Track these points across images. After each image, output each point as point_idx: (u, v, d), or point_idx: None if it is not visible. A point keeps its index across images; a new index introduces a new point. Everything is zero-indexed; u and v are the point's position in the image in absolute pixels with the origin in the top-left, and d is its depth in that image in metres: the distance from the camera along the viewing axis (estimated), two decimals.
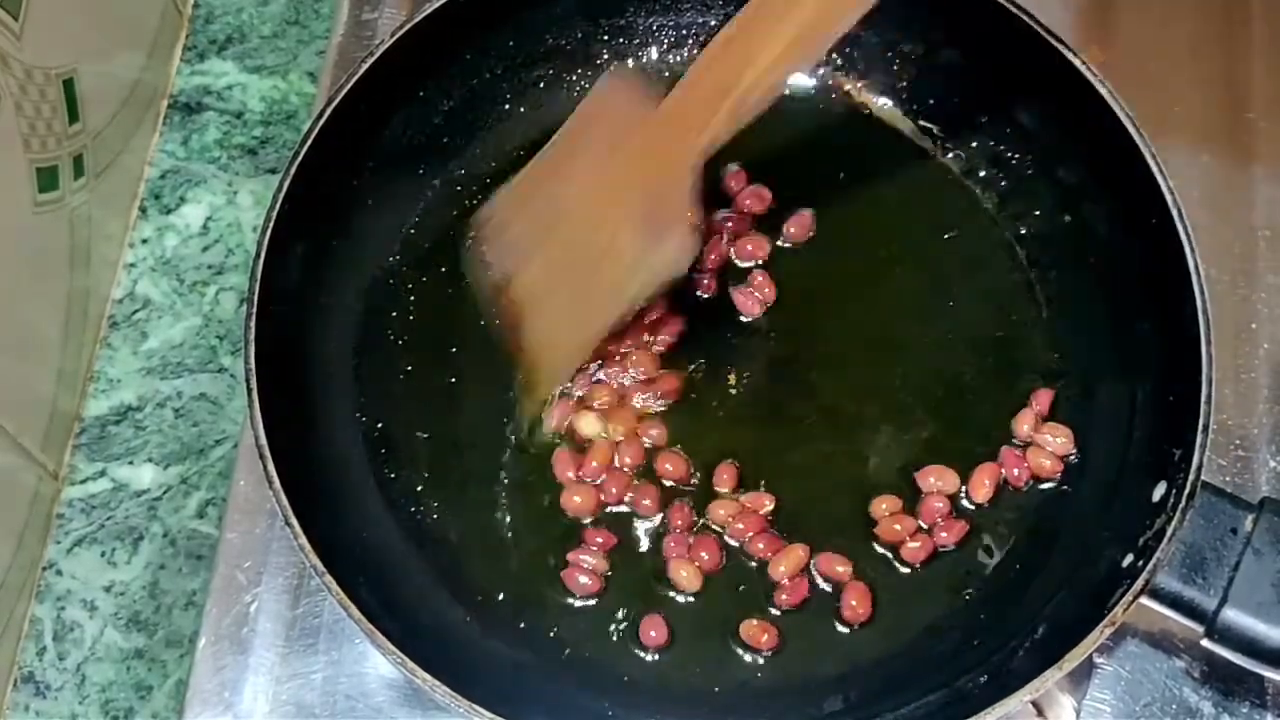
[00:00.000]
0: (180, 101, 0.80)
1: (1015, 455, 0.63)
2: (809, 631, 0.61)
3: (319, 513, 0.57)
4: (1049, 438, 0.63)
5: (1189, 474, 0.56)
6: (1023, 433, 0.64)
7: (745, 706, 0.60)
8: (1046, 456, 0.63)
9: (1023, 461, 0.63)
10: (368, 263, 0.68)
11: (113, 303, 0.75)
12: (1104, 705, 0.63)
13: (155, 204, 0.77)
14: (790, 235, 0.69)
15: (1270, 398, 0.68)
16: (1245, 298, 0.70)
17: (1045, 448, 0.63)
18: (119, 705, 0.67)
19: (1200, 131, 0.74)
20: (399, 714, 0.63)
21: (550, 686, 0.60)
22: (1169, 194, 0.60)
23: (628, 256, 0.61)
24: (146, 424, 0.72)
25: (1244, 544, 0.55)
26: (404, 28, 0.65)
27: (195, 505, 0.71)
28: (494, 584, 0.62)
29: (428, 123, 0.70)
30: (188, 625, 0.68)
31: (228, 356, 0.74)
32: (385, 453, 0.65)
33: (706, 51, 0.60)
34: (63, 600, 0.69)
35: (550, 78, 0.72)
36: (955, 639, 0.61)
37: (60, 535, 0.70)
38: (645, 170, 0.61)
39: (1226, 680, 0.63)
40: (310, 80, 0.80)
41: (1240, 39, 0.77)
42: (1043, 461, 0.63)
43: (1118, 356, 0.64)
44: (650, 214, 0.60)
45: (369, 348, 0.67)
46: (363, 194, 0.68)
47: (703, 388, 0.66)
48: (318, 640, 0.64)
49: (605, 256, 0.61)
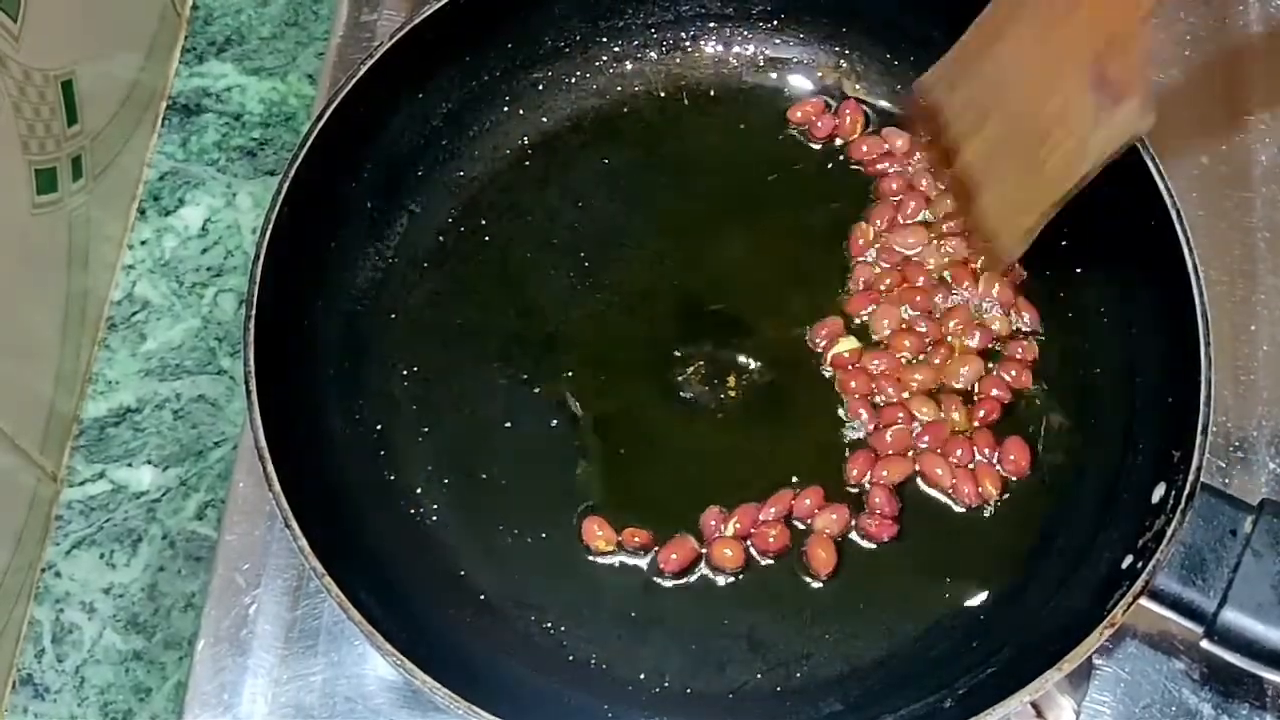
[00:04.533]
0: (179, 103, 0.80)
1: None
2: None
3: (318, 514, 0.57)
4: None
5: (1188, 475, 0.56)
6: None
7: (745, 707, 0.60)
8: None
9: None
10: (367, 264, 0.68)
11: (111, 304, 0.75)
12: (1103, 706, 0.63)
13: (154, 206, 0.77)
14: None
15: (1269, 399, 0.68)
16: (1244, 299, 0.71)
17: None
18: (118, 707, 0.67)
19: (1199, 132, 0.74)
20: (398, 716, 0.63)
21: (550, 688, 0.60)
22: (1168, 195, 0.60)
23: (1083, 124, 0.59)
24: (145, 426, 0.72)
25: (1243, 545, 0.55)
26: (403, 29, 0.65)
27: (194, 507, 0.71)
28: (494, 584, 0.62)
29: (427, 124, 0.70)
30: (187, 627, 0.68)
31: (227, 358, 0.74)
32: (385, 454, 0.65)
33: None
34: (61, 602, 0.69)
35: (549, 79, 0.72)
36: (955, 639, 0.61)
37: (59, 537, 0.70)
38: (1093, 32, 0.58)
39: (1226, 682, 0.63)
40: (309, 82, 0.80)
41: (1239, 39, 0.77)
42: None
43: (1117, 358, 0.64)
44: (1103, 78, 0.58)
45: (368, 348, 0.67)
46: (362, 196, 0.68)
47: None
48: (317, 642, 0.64)
49: (1058, 125, 0.60)
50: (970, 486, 0.63)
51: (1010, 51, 0.62)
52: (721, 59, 0.73)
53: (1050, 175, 0.61)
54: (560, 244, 0.70)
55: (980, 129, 0.63)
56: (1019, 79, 0.62)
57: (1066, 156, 0.60)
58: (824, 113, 0.72)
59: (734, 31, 0.73)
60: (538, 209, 0.70)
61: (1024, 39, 0.61)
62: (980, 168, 0.64)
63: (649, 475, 0.65)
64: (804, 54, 0.73)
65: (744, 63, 0.73)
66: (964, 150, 0.64)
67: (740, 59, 0.73)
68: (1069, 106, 0.60)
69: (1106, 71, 0.58)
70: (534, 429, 0.65)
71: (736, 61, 0.73)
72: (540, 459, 0.65)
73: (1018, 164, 0.62)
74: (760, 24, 0.73)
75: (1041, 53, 0.61)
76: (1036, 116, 0.61)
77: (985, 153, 0.64)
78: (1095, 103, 0.58)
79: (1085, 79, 0.58)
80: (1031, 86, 0.61)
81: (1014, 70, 0.62)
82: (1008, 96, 0.62)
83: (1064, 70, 0.60)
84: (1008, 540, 0.63)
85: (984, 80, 0.63)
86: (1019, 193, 0.63)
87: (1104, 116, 0.58)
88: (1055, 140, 0.60)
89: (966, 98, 0.64)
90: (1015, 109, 0.62)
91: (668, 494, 0.64)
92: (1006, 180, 0.63)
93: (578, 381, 0.66)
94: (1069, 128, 0.60)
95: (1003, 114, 0.63)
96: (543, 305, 0.68)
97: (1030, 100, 0.61)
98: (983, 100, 0.63)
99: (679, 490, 0.64)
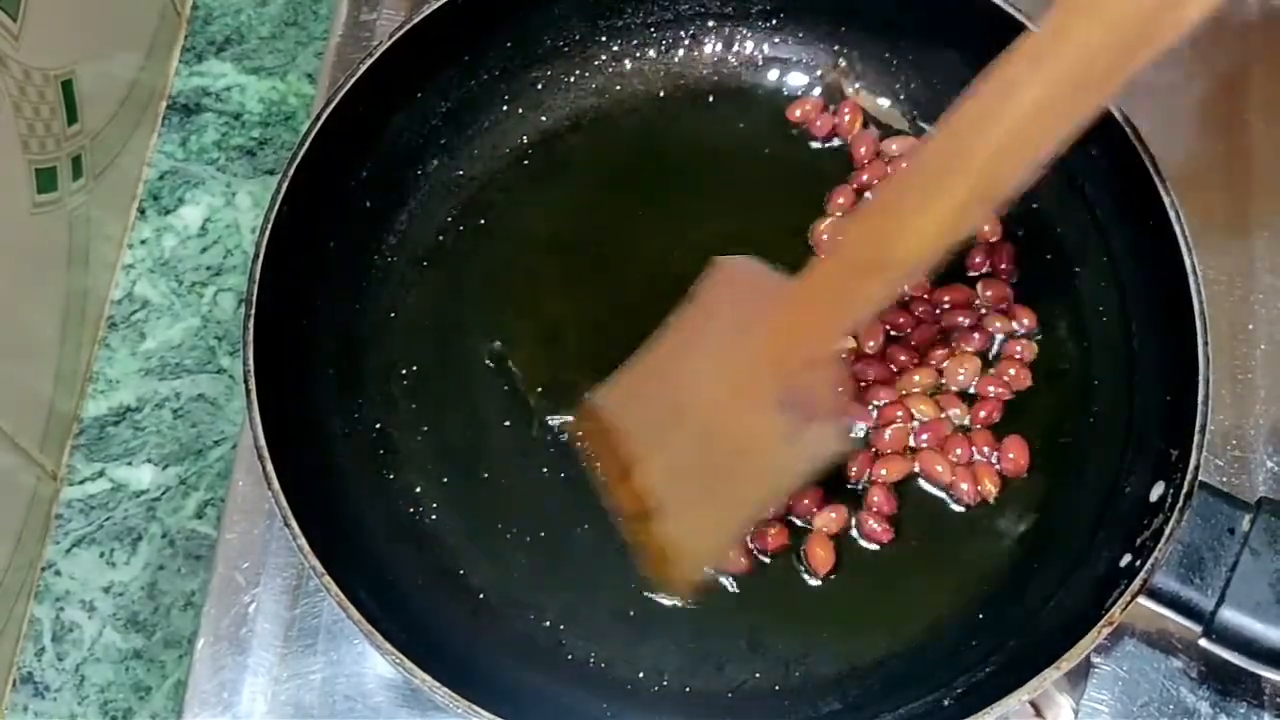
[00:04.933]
0: (179, 103, 0.80)
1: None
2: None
3: (318, 513, 0.57)
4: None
5: (1186, 474, 0.56)
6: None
7: (744, 706, 0.60)
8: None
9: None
10: (366, 264, 0.68)
11: (111, 303, 0.75)
12: (1102, 705, 0.63)
13: (154, 205, 0.77)
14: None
15: (1267, 398, 0.68)
16: (1242, 298, 0.70)
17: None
18: (118, 706, 0.67)
19: (1198, 132, 0.74)
20: (398, 714, 0.63)
21: (549, 687, 0.60)
22: (1166, 195, 0.60)
23: (773, 443, 0.57)
24: (145, 425, 0.72)
25: (1241, 544, 0.55)
26: (402, 29, 0.65)
27: (194, 506, 0.71)
28: (493, 583, 0.62)
29: (426, 124, 0.70)
30: (186, 626, 0.68)
31: (226, 357, 0.74)
32: (384, 453, 0.65)
33: (856, 216, 0.56)
34: (61, 601, 0.69)
35: (548, 78, 0.72)
36: (954, 639, 0.61)
37: (59, 536, 0.70)
38: (782, 356, 0.56)
39: (1224, 680, 0.63)
40: (309, 81, 0.80)
41: (1238, 39, 0.77)
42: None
43: (1115, 357, 0.64)
44: (794, 402, 0.56)
45: (368, 348, 0.67)
46: (361, 195, 0.68)
47: None
48: (316, 641, 0.64)
49: (748, 448, 0.58)
50: (970, 485, 0.63)
51: (691, 375, 0.59)
52: (721, 58, 0.73)
53: (740, 496, 0.59)
54: (559, 243, 0.70)
55: (656, 449, 0.60)
56: (701, 401, 0.59)
57: (759, 477, 0.58)
58: (823, 111, 0.72)
59: (733, 30, 0.73)
60: (537, 208, 0.70)
61: (705, 363, 0.59)
62: (658, 489, 0.60)
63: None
64: (803, 53, 0.73)
65: (743, 62, 0.73)
66: (643, 468, 0.61)
67: (739, 58, 0.73)
68: (758, 427, 0.57)
69: (794, 395, 0.56)
70: (533, 428, 0.65)
71: (736, 60, 0.73)
72: (539, 458, 0.65)
73: (701, 485, 0.60)
74: (759, 23, 0.73)
75: (723, 376, 0.58)
76: (721, 437, 0.59)
77: (663, 473, 0.60)
78: (786, 424, 0.56)
79: (774, 400, 0.56)
80: (714, 409, 0.59)
81: (695, 392, 0.59)
82: (689, 417, 0.59)
83: (750, 392, 0.57)
84: (1006, 539, 0.63)
85: (664, 400, 0.61)
86: (703, 516, 0.60)
87: (794, 437, 0.56)
88: (746, 460, 0.58)
89: (645, 416, 0.61)
90: (697, 429, 0.59)
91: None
92: (688, 503, 0.60)
93: (577, 381, 0.66)
94: (760, 449, 0.58)
95: (683, 434, 0.60)
96: (542, 305, 0.68)
97: (714, 421, 0.59)
98: (662, 419, 0.60)
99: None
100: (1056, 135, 0.47)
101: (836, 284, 0.55)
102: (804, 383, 0.56)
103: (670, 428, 0.60)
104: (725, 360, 0.58)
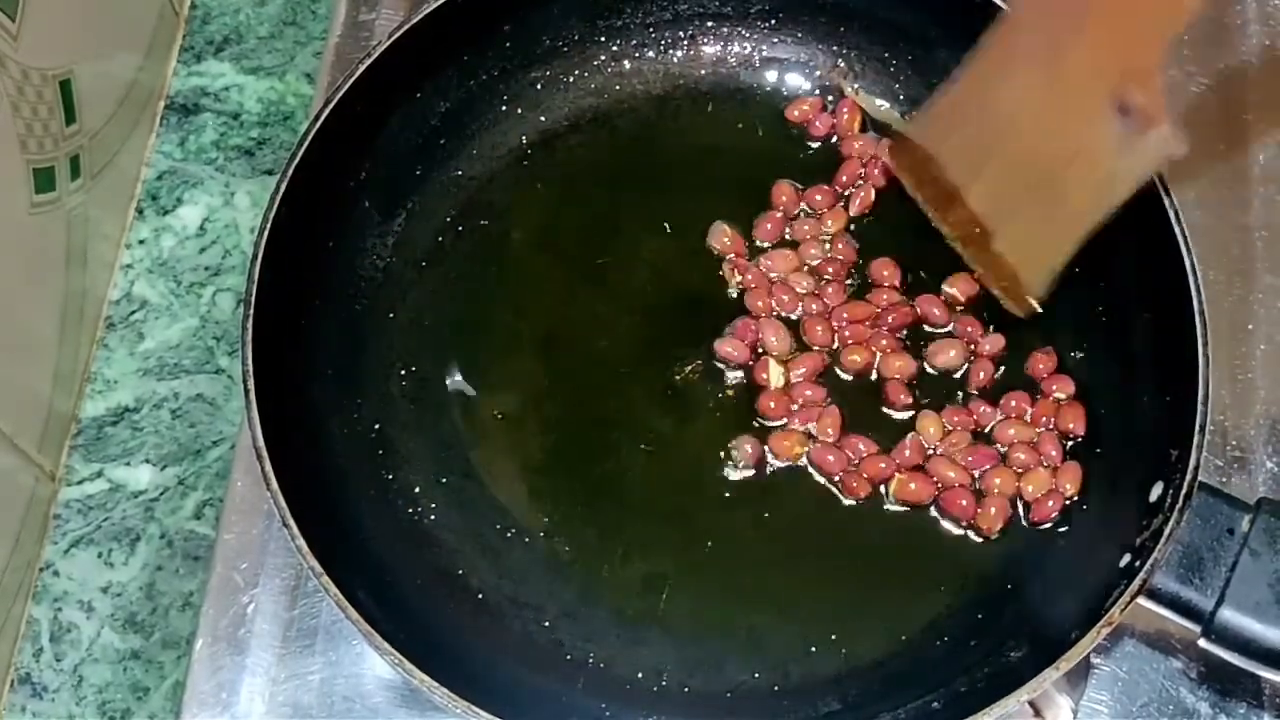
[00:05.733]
0: (177, 102, 0.80)
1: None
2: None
3: (317, 513, 0.57)
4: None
5: (1186, 474, 0.56)
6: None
7: (743, 706, 0.60)
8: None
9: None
10: (364, 263, 0.68)
11: (109, 304, 0.75)
12: (1101, 706, 0.63)
13: (152, 205, 0.77)
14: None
15: (1267, 398, 0.68)
16: (1242, 298, 0.71)
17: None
18: (116, 706, 0.67)
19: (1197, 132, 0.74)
20: (396, 715, 0.63)
21: (548, 687, 0.60)
22: (1165, 195, 0.60)
23: (1109, 155, 0.58)
24: (143, 425, 0.72)
25: (1241, 544, 0.55)
26: (401, 29, 0.65)
27: (192, 506, 0.71)
28: (492, 583, 0.62)
29: (425, 124, 0.70)
30: (185, 626, 0.68)
31: (225, 357, 0.74)
32: (383, 453, 0.65)
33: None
34: (60, 601, 0.69)
35: (547, 78, 0.72)
36: (953, 639, 0.61)
37: (57, 536, 0.70)
38: (1108, 66, 0.57)
39: (1223, 680, 0.63)
40: (307, 81, 0.80)
41: (1237, 40, 0.77)
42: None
43: (1115, 357, 0.64)
44: (1127, 108, 0.57)
45: (367, 348, 0.67)
46: (360, 195, 0.68)
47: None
48: (315, 641, 0.64)
49: (1078, 159, 0.59)
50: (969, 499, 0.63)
51: (1011, 94, 0.61)
52: (720, 58, 0.73)
53: (1075, 210, 0.61)
54: (558, 243, 0.70)
55: (981, 172, 0.62)
56: (1025, 120, 0.61)
57: (1094, 189, 0.60)
58: (822, 111, 0.72)
59: (732, 30, 0.73)
60: (536, 208, 0.70)
61: (1027, 81, 0.60)
62: (989, 211, 0.63)
63: (648, 473, 0.65)
64: (802, 53, 0.73)
65: (742, 61, 0.73)
66: (967, 195, 0.63)
67: (738, 58, 0.73)
68: (1090, 140, 0.59)
69: (1129, 101, 0.57)
70: (532, 428, 0.65)
71: (734, 60, 0.73)
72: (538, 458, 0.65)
73: (1034, 203, 0.62)
74: (758, 23, 0.73)
75: (1049, 92, 0.60)
76: (1049, 155, 0.60)
77: (993, 195, 0.63)
78: (1120, 133, 0.57)
79: (1107, 111, 0.57)
80: (1040, 126, 0.60)
81: (1018, 112, 0.61)
82: (1012, 138, 0.61)
83: (1079, 106, 0.59)
84: (1005, 539, 0.63)
85: (983, 124, 0.62)
86: (1040, 232, 0.62)
87: (1131, 146, 0.58)
88: (1077, 174, 0.60)
89: (963, 142, 0.63)
90: (1022, 149, 0.61)
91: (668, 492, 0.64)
92: (1023, 221, 0.62)
93: (576, 381, 0.66)
94: (1093, 161, 0.59)
95: (1007, 155, 0.62)
96: (541, 305, 0.68)
97: (1040, 139, 0.60)
98: (983, 143, 0.62)
99: (679, 489, 0.64)
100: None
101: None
102: (1132, 91, 0.56)
103: (994, 148, 0.61)
104: (1048, 74, 0.59)
